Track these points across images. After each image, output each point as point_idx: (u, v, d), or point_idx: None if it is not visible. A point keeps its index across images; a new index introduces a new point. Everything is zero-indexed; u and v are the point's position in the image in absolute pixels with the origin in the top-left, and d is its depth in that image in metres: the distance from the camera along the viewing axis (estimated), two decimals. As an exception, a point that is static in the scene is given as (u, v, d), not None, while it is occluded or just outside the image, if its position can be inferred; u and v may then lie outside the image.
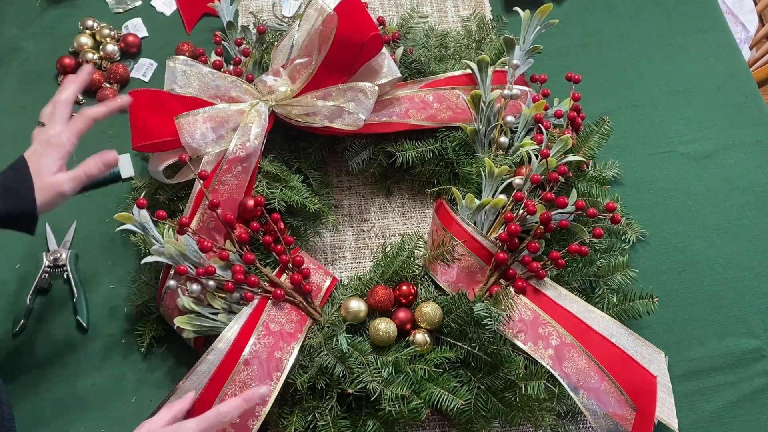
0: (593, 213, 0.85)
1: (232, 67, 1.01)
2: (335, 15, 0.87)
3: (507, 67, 0.98)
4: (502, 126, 0.95)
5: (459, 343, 0.83)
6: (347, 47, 0.88)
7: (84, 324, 0.92)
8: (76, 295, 0.93)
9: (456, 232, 0.87)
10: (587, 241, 0.87)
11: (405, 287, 0.87)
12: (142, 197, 0.82)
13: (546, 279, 0.86)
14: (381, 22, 1.04)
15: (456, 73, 1.00)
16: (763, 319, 0.94)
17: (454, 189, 0.91)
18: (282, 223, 0.89)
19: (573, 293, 0.86)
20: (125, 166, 1.02)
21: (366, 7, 0.93)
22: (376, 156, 0.99)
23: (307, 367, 0.81)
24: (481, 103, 0.94)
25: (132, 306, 0.92)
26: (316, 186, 0.97)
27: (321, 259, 0.97)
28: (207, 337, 0.85)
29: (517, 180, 0.90)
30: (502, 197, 0.88)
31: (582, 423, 0.87)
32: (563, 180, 0.89)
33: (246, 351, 0.80)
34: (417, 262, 0.90)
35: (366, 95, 0.90)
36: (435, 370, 0.82)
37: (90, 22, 1.13)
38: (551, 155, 0.88)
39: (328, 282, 0.89)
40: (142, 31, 1.15)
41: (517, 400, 0.80)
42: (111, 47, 1.11)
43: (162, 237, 0.82)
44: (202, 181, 0.86)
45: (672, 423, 0.81)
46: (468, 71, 0.99)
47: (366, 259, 0.98)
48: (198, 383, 0.79)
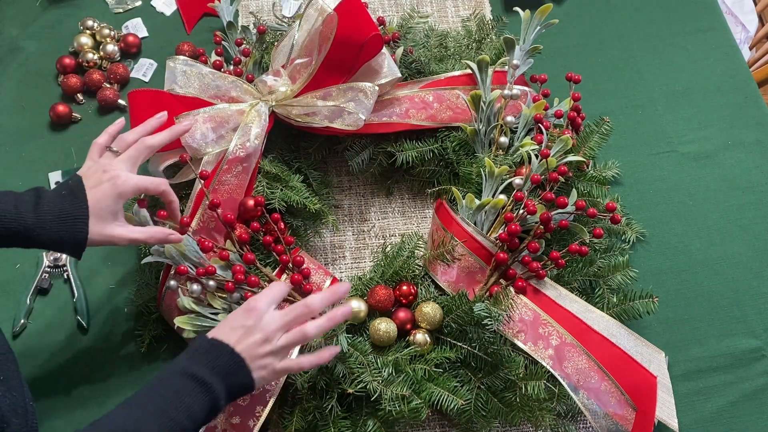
0: (593, 213, 0.85)
1: (232, 67, 1.01)
2: (335, 15, 0.87)
3: (507, 67, 0.98)
4: (502, 126, 0.95)
5: (459, 343, 0.83)
6: (347, 47, 0.88)
7: (84, 324, 0.92)
8: (76, 295, 0.93)
9: (456, 232, 0.87)
10: (587, 241, 0.87)
11: (405, 287, 0.87)
12: (142, 197, 0.82)
13: (546, 279, 0.86)
14: (381, 22, 1.04)
15: (456, 73, 1.00)
16: (763, 319, 0.94)
17: (454, 189, 0.91)
18: (282, 223, 0.89)
19: (573, 293, 0.86)
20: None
21: (366, 7, 0.94)
22: (376, 156, 0.99)
23: (307, 367, 0.82)
24: (481, 103, 0.95)
25: (132, 306, 0.92)
26: (316, 186, 0.97)
27: (321, 259, 0.97)
28: (207, 337, 0.85)
29: (517, 180, 0.90)
30: (502, 197, 0.88)
31: (582, 423, 0.87)
32: (563, 180, 0.89)
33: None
34: (417, 262, 0.90)
35: (366, 95, 0.90)
36: (435, 370, 0.82)
37: (90, 22, 1.13)
38: (551, 155, 0.88)
39: (328, 282, 0.89)
40: (142, 31, 1.15)
41: (517, 400, 0.80)
42: (111, 47, 1.11)
43: None
44: (202, 181, 0.86)
45: (672, 423, 0.81)
46: (468, 71, 0.99)
47: (366, 259, 0.98)
48: (198, 383, 0.79)
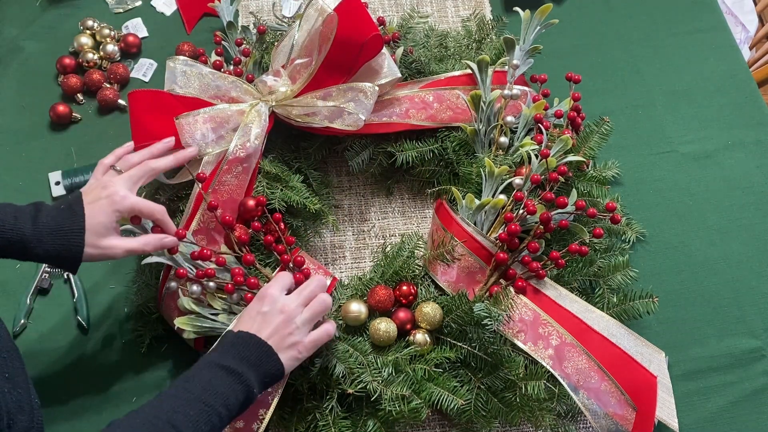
0: (593, 213, 0.85)
1: (232, 67, 1.01)
2: (335, 15, 0.87)
3: (507, 67, 0.98)
4: (502, 126, 0.95)
5: (459, 343, 0.83)
6: (347, 47, 0.88)
7: (84, 324, 0.92)
8: (76, 295, 0.93)
9: (456, 232, 0.87)
10: (587, 241, 0.87)
11: (405, 287, 0.87)
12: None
13: (546, 279, 0.86)
14: (381, 22, 1.04)
15: (456, 73, 1.00)
16: (763, 319, 0.94)
17: (454, 189, 0.91)
18: (283, 224, 0.89)
19: (573, 293, 0.86)
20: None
21: (366, 7, 0.93)
22: (376, 156, 0.99)
23: (308, 368, 0.81)
24: (481, 103, 0.95)
25: (132, 306, 0.92)
26: (316, 186, 0.97)
27: (321, 259, 0.97)
28: (207, 338, 0.85)
29: (517, 180, 0.90)
30: (502, 197, 0.88)
31: (582, 423, 0.87)
32: (563, 180, 0.89)
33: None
34: (417, 262, 0.90)
35: (366, 95, 0.90)
36: (435, 370, 0.82)
37: (90, 22, 1.13)
38: (551, 155, 0.88)
39: (328, 282, 0.89)
40: (142, 31, 1.15)
41: (517, 400, 0.80)
42: (111, 47, 1.11)
43: None
44: (200, 184, 0.86)
45: (672, 423, 0.81)
46: (468, 71, 0.99)
47: (366, 259, 0.98)
48: (198, 383, 0.79)
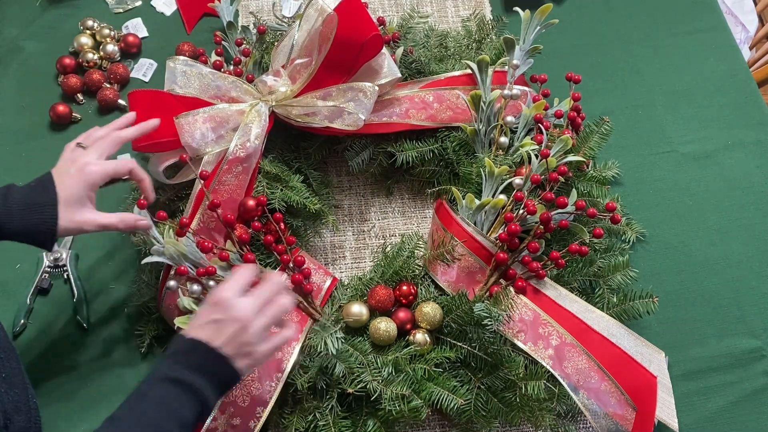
0: (593, 213, 0.85)
1: (232, 67, 1.01)
2: (335, 15, 0.87)
3: (507, 67, 0.98)
4: (502, 126, 0.95)
5: (459, 343, 0.83)
6: (347, 47, 0.88)
7: (84, 324, 0.92)
8: (76, 295, 0.93)
9: (456, 232, 0.87)
10: (587, 241, 0.87)
11: (405, 287, 0.87)
12: (142, 198, 0.82)
13: (546, 279, 0.86)
14: (381, 22, 1.04)
15: (456, 73, 1.00)
16: (763, 319, 0.94)
17: (454, 189, 0.91)
18: (283, 224, 0.89)
19: (573, 293, 0.86)
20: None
21: (366, 7, 0.94)
22: (376, 156, 0.99)
23: (308, 368, 0.81)
24: (481, 103, 0.95)
25: (132, 306, 0.92)
26: (316, 186, 0.97)
27: (321, 259, 0.97)
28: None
29: (517, 180, 0.90)
30: (502, 197, 0.88)
31: (582, 423, 0.87)
32: (563, 180, 0.89)
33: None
34: (417, 262, 0.90)
35: (366, 95, 0.90)
36: (435, 369, 0.82)
37: (90, 22, 1.13)
38: (551, 155, 0.88)
39: (328, 282, 0.89)
40: (142, 31, 1.15)
41: (517, 400, 0.80)
42: (111, 47, 1.11)
43: (162, 237, 0.82)
44: (202, 181, 0.86)
45: (672, 423, 0.81)
46: (468, 71, 0.99)
47: (366, 259, 0.98)
48: (198, 383, 0.79)
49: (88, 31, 1.13)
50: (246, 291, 0.72)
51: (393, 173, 1.02)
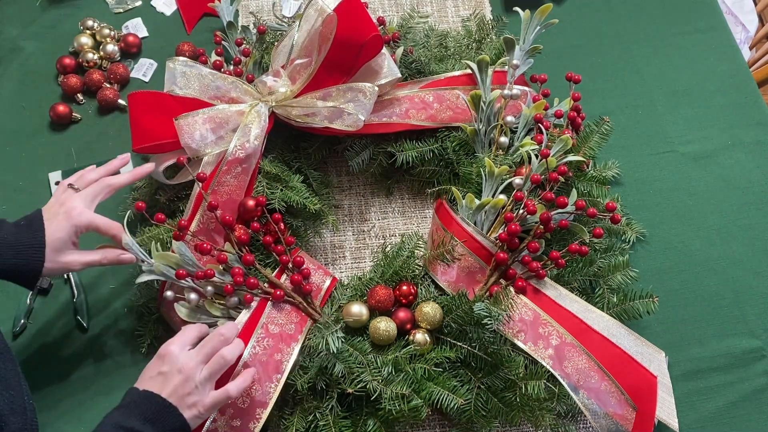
0: (593, 213, 0.85)
1: (232, 68, 1.01)
2: (335, 15, 0.87)
3: (507, 67, 0.98)
4: (502, 126, 0.95)
5: (459, 343, 0.83)
6: (347, 47, 0.88)
7: (84, 324, 0.92)
8: (76, 295, 0.93)
9: (456, 232, 0.87)
10: (587, 241, 0.87)
11: (405, 287, 0.87)
12: (141, 198, 0.82)
13: (546, 279, 0.86)
14: (381, 22, 1.04)
15: (456, 73, 1.00)
16: (763, 319, 0.94)
17: (454, 189, 0.91)
18: (282, 224, 0.89)
19: (573, 293, 0.86)
20: (125, 166, 1.02)
21: (366, 8, 0.94)
22: (376, 156, 0.99)
23: (307, 368, 0.82)
24: (481, 103, 0.95)
25: (132, 306, 0.92)
26: (316, 186, 0.97)
27: (321, 259, 0.97)
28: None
29: (517, 180, 0.90)
30: (502, 197, 0.88)
31: (582, 423, 0.87)
32: (563, 180, 0.89)
33: (245, 354, 0.80)
34: (417, 262, 0.90)
35: (366, 95, 0.90)
36: (435, 369, 0.82)
37: (90, 22, 1.13)
38: (551, 155, 0.88)
39: (328, 282, 0.89)
40: (142, 31, 1.15)
41: (517, 399, 0.80)
42: (111, 47, 1.11)
43: (150, 253, 0.82)
44: (200, 184, 0.86)
45: (672, 423, 0.81)
46: (468, 71, 0.99)
47: (366, 259, 0.98)
48: (198, 384, 0.79)
49: (88, 31, 1.13)
50: (192, 345, 0.75)
51: (393, 173, 1.02)
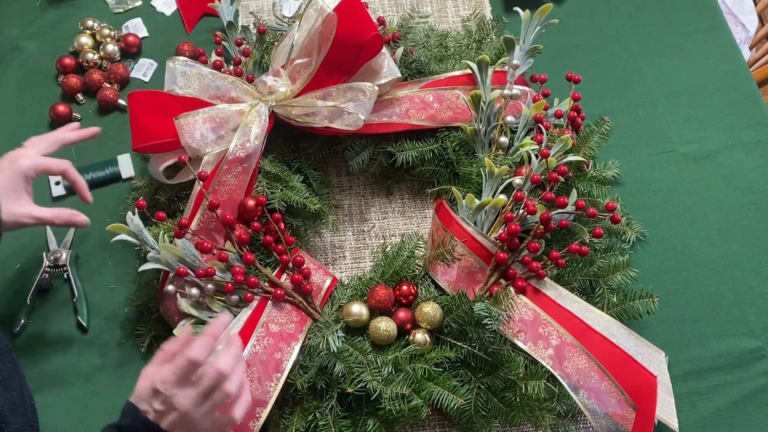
0: (593, 213, 0.85)
1: (232, 67, 1.01)
2: (335, 15, 0.87)
3: (507, 67, 0.98)
4: (502, 126, 0.95)
5: (459, 343, 0.83)
6: (347, 47, 0.88)
7: (84, 324, 0.92)
8: (76, 295, 0.93)
9: (456, 232, 0.87)
10: (587, 241, 0.87)
11: (405, 287, 0.87)
12: (141, 198, 0.82)
13: (546, 279, 0.86)
14: (381, 22, 1.04)
15: (456, 73, 1.00)
16: (763, 319, 0.94)
17: (454, 189, 0.91)
18: (283, 224, 0.89)
19: (573, 293, 0.86)
20: (125, 166, 1.02)
21: (366, 7, 0.94)
22: (376, 156, 0.99)
23: (308, 367, 0.82)
24: (481, 103, 0.95)
25: (132, 306, 0.92)
26: (316, 186, 0.97)
27: (321, 259, 0.97)
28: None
29: (517, 180, 0.90)
30: (502, 197, 0.88)
31: (582, 423, 0.87)
32: (563, 180, 0.89)
33: (245, 353, 0.80)
34: (417, 262, 0.90)
35: (366, 95, 0.90)
36: (435, 369, 0.82)
37: (90, 22, 1.13)
38: (551, 155, 0.88)
39: (328, 282, 0.89)
40: (142, 31, 1.15)
41: (518, 399, 0.80)
42: (111, 47, 1.11)
43: (158, 243, 0.82)
44: (201, 183, 0.86)
45: (672, 423, 0.81)
46: (468, 71, 0.99)
47: (366, 259, 0.98)
48: (198, 383, 0.79)
49: (88, 31, 1.13)
50: (188, 377, 0.66)
51: (393, 173, 1.02)
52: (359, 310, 0.85)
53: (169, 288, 0.83)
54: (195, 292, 0.82)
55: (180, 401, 0.65)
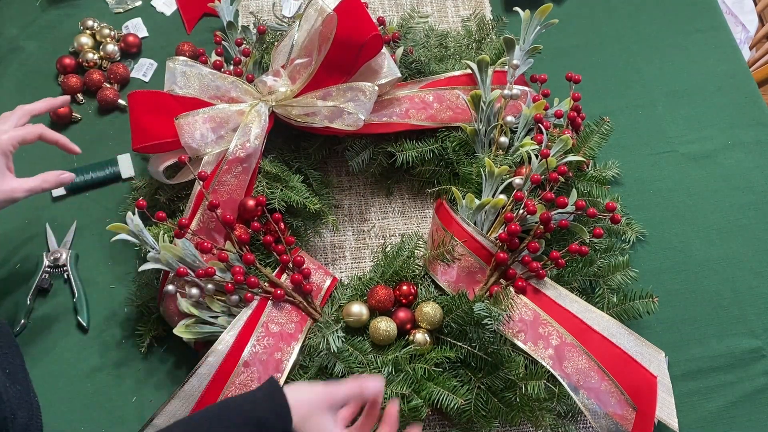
0: (593, 213, 0.85)
1: (232, 67, 1.01)
2: (335, 15, 0.87)
3: (507, 67, 0.98)
4: (502, 126, 0.95)
5: (459, 343, 0.83)
6: (347, 47, 0.88)
7: (84, 324, 0.92)
8: (76, 295, 0.93)
9: (456, 232, 0.87)
10: (587, 241, 0.87)
11: (405, 287, 0.87)
12: (141, 198, 0.82)
13: (546, 279, 0.86)
14: (381, 22, 1.04)
15: (456, 73, 1.00)
16: (763, 319, 0.94)
17: (454, 189, 0.91)
18: (283, 224, 0.89)
19: (573, 293, 0.86)
20: (125, 166, 1.02)
21: (366, 7, 0.93)
22: (376, 156, 0.99)
23: (308, 367, 0.82)
24: (481, 103, 0.95)
25: (132, 306, 0.92)
26: (316, 186, 0.97)
27: (321, 259, 0.97)
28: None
29: (517, 180, 0.90)
30: (502, 197, 0.88)
31: (582, 423, 0.87)
32: (563, 180, 0.89)
33: (245, 353, 0.80)
34: (417, 262, 0.90)
35: (366, 95, 0.90)
36: (435, 369, 0.82)
37: (90, 22, 1.13)
38: (551, 155, 0.88)
39: (328, 282, 0.89)
40: (142, 31, 1.15)
41: (517, 399, 0.80)
42: (111, 47, 1.11)
43: (158, 243, 0.82)
44: (201, 183, 0.86)
45: (672, 423, 0.81)
46: (468, 71, 0.99)
47: (366, 259, 0.98)
48: (198, 385, 0.79)
49: (88, 31, 1.13)
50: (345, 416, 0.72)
51: (393, 173, 1.02)
52: (359, 310, 0.85)
53: (169, 288, 0.83)
54: (195, 292, 0.82)
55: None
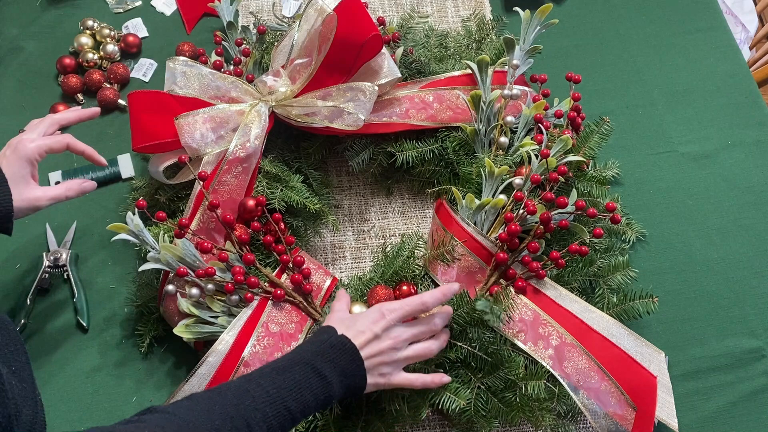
0: (593, 213, 0.85)
1: (232, 67, 1.01)
2: (335, 15, 0.87)
3: (507, 67, 0.98)
4: (502, 126, 0.95)
5: (459, 343, 0.83)
6: (347, 47, 0.88)
7: (84, 324, 0.92)
8: (76, 295, 0.93)
9: (456, 232, 0.87)
10: (587, 241, 0.87)
11: (405, 287, 0.86)
12: (141, 198, 0.82)
13: (546, 279, 0.86)
14: (381, 22, 1.04)
15: (456, 73, 1.00)
16: (763, 319, 0.94)
17: (454, 189, 0.91)
18: (283, 224, 0.89)
19: (573, 293, 0.86)
20: (125, 165, 1.02)
21: (366, 7, 0.94)
22: (376, 156, 0.99)
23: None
24: (481, 103, 0.95)
25: (132, 306, 0.92)
26: (316, 186, 0.97)
27: (321, 259, 0.97)
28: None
29: (517, 180, 0.90)
30: (502, 197, 0.88)
31: (582, 423, 0.87)
32: (563, 180, 0.89)
33: (245, 352, 0.80)
34: (417, 262, 0.90)
35: (366, 95, 0.90)
36: (435, 369, 0.82)
37: (90, 22, 1.13)
38: (551, 155, 0.88)
39: (328, 282, 0.89)
40: (142, 31, 1.16)
41: (518, 400, 0.80)
42: (111, 47, 1.11)
43: (158, 243, 0.82)
44: (201, 183, 0.86)
45: (672, 423, 0.81)
46: (468, 71, 0.99)
47: (366, 259, 0.98)
48: (199, 385, 0.79)
49: (88, 31, 1.13)
50: (413, 314, 0.77)
51: (393, 173, 1.03)
52: (359, 310, 0.85)
53: (169, 288, 0.83)
54: (195, 292, 0.82)
55: (398, 332, 0.75)
